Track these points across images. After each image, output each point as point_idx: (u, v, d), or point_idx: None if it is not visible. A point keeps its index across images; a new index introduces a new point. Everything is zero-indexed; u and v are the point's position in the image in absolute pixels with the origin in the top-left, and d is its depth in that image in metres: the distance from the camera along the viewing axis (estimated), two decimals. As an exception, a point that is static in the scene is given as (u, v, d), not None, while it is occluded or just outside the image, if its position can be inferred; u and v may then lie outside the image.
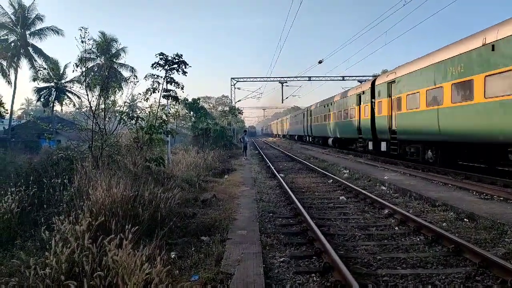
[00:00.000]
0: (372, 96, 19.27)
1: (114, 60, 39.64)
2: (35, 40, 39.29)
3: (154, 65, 11.50)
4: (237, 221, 7.31)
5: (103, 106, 9.85)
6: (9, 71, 38.15)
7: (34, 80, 38.57)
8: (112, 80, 15.05)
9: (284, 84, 46.06)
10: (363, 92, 20.77)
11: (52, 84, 40.37)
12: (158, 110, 11.47)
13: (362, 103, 20.87)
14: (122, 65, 42.77)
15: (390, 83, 16.97)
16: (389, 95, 17.02)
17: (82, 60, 10.12)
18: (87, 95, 9.47)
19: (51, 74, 38.72)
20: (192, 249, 5.66)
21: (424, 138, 14.39)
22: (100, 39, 40.02)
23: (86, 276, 3.71)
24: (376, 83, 18.92)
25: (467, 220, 7.21)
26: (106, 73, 12.80)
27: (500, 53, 9.92)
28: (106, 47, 40.22)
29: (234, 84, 47.26)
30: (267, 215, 8.15)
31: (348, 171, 15.33)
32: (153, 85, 11.38)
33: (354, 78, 43.88)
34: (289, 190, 10.54)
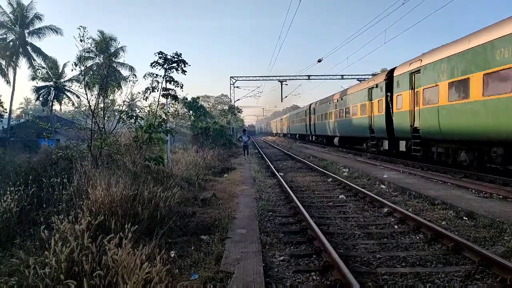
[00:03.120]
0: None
1: (113, 59, 39.57)
2: (34, 39, 39.31)
3: (153, 64, 11.48)
4: (237, 220, 7.30)
5: (102, 105, 9.83)
6: (7, 70, 38.13)
7: (33, 79, 38.64)
8: (111, 79, 15.02)
9: (283, 83, 46.04)
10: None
11: (51, 83, 40.30)
12: (158, 109, 11.46)
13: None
14: (121, 64, 42.80)
15: None
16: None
17: (81, 59, 10.10)
18: (86, 94, 9.46)
19: (50, 73, 38.69)
20: (192, 248, 5.66)
21: None
22: (99, 38, 39.97)
23: (86, 275, 3.70)
24: None
25: (467, 219, 7.23)
26: (105, 72, 12.76)
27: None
28: (105, 46, 40.14)
29: (234, 83, 47.24)
30: (266, 214, 8.15)
31: (347, 169, 15.34)
32: (152, 84, 11.38)
33: (353, 76, 43.78)
34: (288, 189, 10.54)
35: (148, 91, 11.27)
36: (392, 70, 17.37)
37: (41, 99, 41.45)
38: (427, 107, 13.66)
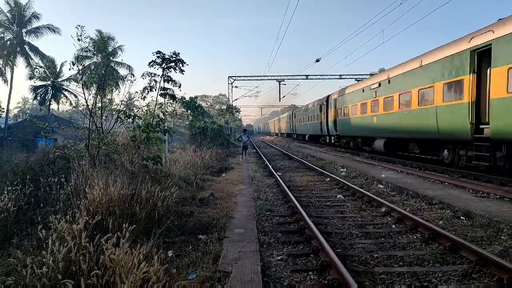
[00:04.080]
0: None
1: (111, 58, 39.45)
2: (31, 38, 39.16)
3: (151, 64, 11.44)
4: (235, 220, 7.30)
5: (100, 104, 9.80)
6: (5, 70, 38.00)
7: (30, 78, 38.43)
8: (109, 78, 15.00)
9: (282, 82, 46.04)
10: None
11: (49, 82, 40.16)
12: (156, 108, 11.43)
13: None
14: (119, 63, 42.69)
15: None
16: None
17: (78, 58, 10.06)
18: (84, 93, 9.42)
19: (48, 73, 38.52)
20: (190, 247, 5.65)
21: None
22: (96, 37, 39.86)
23: (83, 275, 3.69)
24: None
25: (464, 218, 7.25)
26: (103, 71, 12.73)
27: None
28: (103, 45, 40.03)
29: (232, 83, 47.22)
30: (264, 213, 8.15)
31: (345, 169, 15.36)
32: (150, 83, 11.34)
33: (351, 76, 43.78)
34: (286, 188, 10.55)
35: (146, 90, 11.24)
36: (329, 95, 28.98)
37: (38, 98, 41.28)
38: (339, 118, 25.63)
